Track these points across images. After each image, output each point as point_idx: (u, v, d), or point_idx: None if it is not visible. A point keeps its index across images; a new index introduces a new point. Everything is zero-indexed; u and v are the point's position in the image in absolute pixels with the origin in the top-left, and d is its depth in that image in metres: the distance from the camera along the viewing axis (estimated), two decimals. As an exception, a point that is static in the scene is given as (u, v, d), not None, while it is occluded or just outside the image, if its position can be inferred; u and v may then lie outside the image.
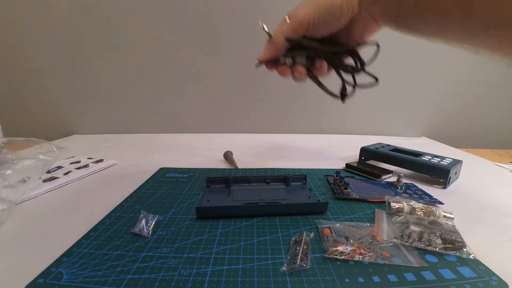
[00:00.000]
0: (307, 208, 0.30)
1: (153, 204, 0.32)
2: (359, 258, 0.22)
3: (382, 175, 0.41)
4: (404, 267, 0.21)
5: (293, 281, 0.20)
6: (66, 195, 0.35)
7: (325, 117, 0.75)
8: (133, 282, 0.20)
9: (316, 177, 0.41)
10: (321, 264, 0.22)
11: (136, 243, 0.24)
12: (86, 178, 0.41)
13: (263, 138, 0.54)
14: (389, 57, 0.65)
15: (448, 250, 0.23)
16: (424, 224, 0.26)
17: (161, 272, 0.21)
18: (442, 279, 0.20)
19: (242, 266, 0.21)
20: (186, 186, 0.37)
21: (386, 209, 0.30)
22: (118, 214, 0.29)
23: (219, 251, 0.23)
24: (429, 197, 0.34)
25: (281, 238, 0.25)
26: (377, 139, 0.54)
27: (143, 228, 0.26)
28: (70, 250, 0.23)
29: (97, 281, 0.20)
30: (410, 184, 0.38)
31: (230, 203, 0.31)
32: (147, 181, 0.39)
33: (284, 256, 0.23)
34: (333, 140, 0.66)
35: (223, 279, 0.20)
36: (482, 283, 0.20)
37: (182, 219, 0.29)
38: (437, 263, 0.22)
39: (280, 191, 0.34)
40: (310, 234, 0.25)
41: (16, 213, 0.30)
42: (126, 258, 0.22)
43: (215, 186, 0.36)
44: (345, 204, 0.32)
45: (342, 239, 0.24)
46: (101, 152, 0.53)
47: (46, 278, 0.20)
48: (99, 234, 0.26)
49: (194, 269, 0.21)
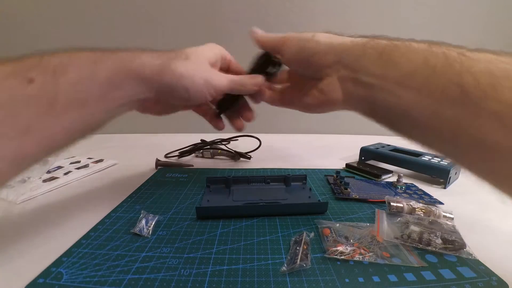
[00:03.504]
0: (307, 208, 0.30)
1: (153, 204, 0.32)
2: (359, 258, 0.22)
3: (382, 175, 0.41)
4: (404, 267, 0.21)
5: (293, 281, 0.20)
6: (66, 195, 0.35)
7: (325, 117, 0.74)
8: (133, 282, 0.20)
9: (316, 177, 0.41)
10: (321, 264, 0.22)
11: (136, 243, 0.24)
12: (86, 178, 0.41)
13: (263, 138, 0.54)
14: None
15: (448, 250, 0.23)
16: (424, 224, 0.26)
17: (161, 272, 0.21)
18: (442, 279, 0.20)
19: (242, 266, 0.21)
20: (186, 186, 0.37)
21: (386, 209, 0.30)
22: (118, 214, 0.29)
23: (219, 251, 0.23)
24: (429, 197, 0.34)
25: (281, 238, 0.25)
26: (377, 139, 0.54)
27: (143, 228, 0.26)
28: (70, 250, 0.23)
29: (97, 281, 0.20)
30: (410, 184, 0.38)
31: (230, 203, 0.31)
32: (147, 181, 0.39)
33: (284, 256, 0.23)
34: (333, 140, 0.66)
35: (223, 279, 0.20)
36: (482, 283, 0.20)
37: (182, 219, 0.29)
38: (437, 263, 0.22)
39: (280, 191, 0.34)
40: (310, 234, 0.25)
41: (16, 213, 0.30)
42: (126, 258, 0.22)
43: (215, 186, 0.36)
44: (345, 204, 0.32)
45: (342, 239, 0.24)
46: (101, 152, 0.53)
47: (46, 278, 0.20)
48: (99, 234, 0.25)
49: (194, 269, 0.21)
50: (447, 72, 0.18)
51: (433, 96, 0.19)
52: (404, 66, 0.21)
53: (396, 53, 0.21)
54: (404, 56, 0.21)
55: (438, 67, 0.19)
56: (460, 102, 0.17)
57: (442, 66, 0.18)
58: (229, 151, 0.51)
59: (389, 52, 0.22)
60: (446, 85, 0.18)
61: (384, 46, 0.22)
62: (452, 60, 0.18)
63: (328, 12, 0.68)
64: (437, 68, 0.19)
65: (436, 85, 0.19)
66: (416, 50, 0.21)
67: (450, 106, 0.18)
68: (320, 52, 0.26)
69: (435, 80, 0.19)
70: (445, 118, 0.18)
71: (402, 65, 0.21)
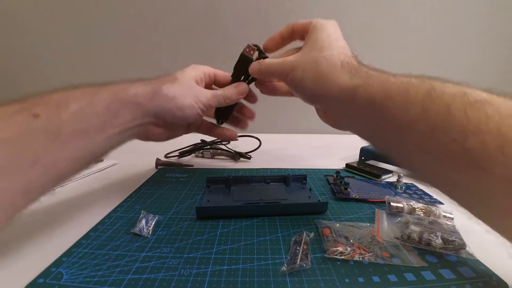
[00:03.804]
0: (307, 208, 0.30)
1: (153, 204, 0.32)
2: (359, 258, 0.22)
3: (382, 175, 0.41)
4: (404, 267, 0.21)
5: (293, 281, 0.20)
6: (66, 195, 0.35)
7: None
8: (133, 282, 0.20)
9: (316, 177, 0.41)
10: (321, 264, 0.22)
11: (136, 243, 0.24)
12: (86, 178, 0.41)
13: (263, 138, 0.54)
14: (389, 57, 0.65)
15: (448, 250, 0.23)
16: (424, 224, 0.26)
17: (161, 272, 0.21)
18: (442, 279, 0.20)
19: (242, 266, 0.21)
20: (186, 186, 0.37)
21: (386, 209, 0.30)
22: (118, 214, 0.29)
23: (219, 251, 0.23)
24: (429, 197, 0.34)
25: (281, 238, 0.25)
26: (377, 139, 0.54)
27: (143, 228, 0.26)
28: (70, 250, 0.23)
29: (97, 281, 0.20)
30: (410, 184, 0.38)
31: (230, 203, 0.31)
32: (147, 181, 0.39)
33: (284, 256, 0.23)
34: (333, 140, 0.66)
35: (223, 279, 0.20)
36: (482, 283, 0.20)
37: (182, 219, 0.29)
38: (437, 263, 0.22)
39: (280, 191, 0.34)
40: (310, 234, 0.25)
41: (16, 213, 0.30)
42: (126, 258, 0.22)
43: (215, 186, 0.36)
44: (345, 204, 0.32)
45: (342, 239, 0.24)
46: (101, 152, 0.53)
47: (46, 278, 0.20)
48: (99, 234, 0.26)
49: (194, 269, 0.21)
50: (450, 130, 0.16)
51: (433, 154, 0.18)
52: (399, 119, 0.19)
53: (388, 103, 0.20)
54: (398, 108, 0.19)
55: (439, 122, 0.17)
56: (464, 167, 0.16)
57: (443, 122, 0.17)
58: (229, 151, 0.51)
59: (380, 102, 0.20)
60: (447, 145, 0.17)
61: (374, 95, 0.21)
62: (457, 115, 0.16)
63: (328, 12, 0.68)
64: (437, 123, 0.17)
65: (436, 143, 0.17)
66: (414, 99, 0.18)
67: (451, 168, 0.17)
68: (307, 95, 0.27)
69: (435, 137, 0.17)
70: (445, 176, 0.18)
71: (396, 118, 0.19)
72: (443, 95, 0.17)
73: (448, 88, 0.18)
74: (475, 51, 0.72)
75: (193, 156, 0.52)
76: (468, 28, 0.70)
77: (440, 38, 0.70)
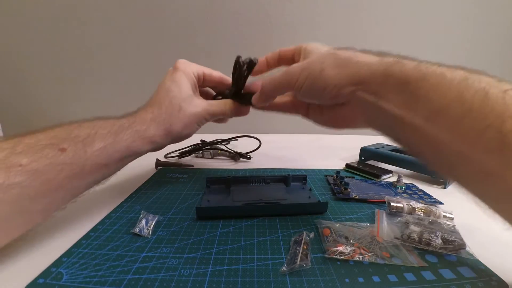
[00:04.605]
0: (307, 208, 0.30)
1: (153, 204, 0.32)
2: (359, 258, 0.22)
3: (382, 175, 0.41)
4: (404, 267, 0.21)
5: (293, 281, 0.20)
6: (66, 195, 0.35)
7: (325, 117, 0.75)
8: (133, 282, 0.20)
9: (316, 177, 0.41)
10: (321, 264, 0.22)
11: (136, 243, 0.24)
12: (86, 178, 0.41)
13: (263, 138, 0.54)
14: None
15: (448, 250, 0.23)
16: (424, 224, 0.26)
17: (161, 272, 0.21)
18: (442, 279, 0.20)
19: (242, 266, 0.21)
20: (186, 186, 0.37)
21: (386, 209, 0.30)
22: (118, 214, 0.29)
23: (219, 251, 0.23)
24: (429, 197, 0.34)
25: (281, 238, 0.25)
26: (377, 139, 0.54)
27: (143, 228, 0.26)
28: (70, 250, 0.23)
29: (97, 281, 0.20)
30: (410, 184, 0.38)
31: (230, 203, 0.31)
32: (147, 181, 0.39)
33: (284, 256, 0.23)
34: (333, 140, 0.66)
35: (223, 279, 0.20)
36: (482, 283, 0.20)
37: (182, 219, 0.29)
38: (437, 263, 0.22)
39: (280, 191, 0.34)
40: (310, 234, 0.25)
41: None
42: (126, 258, 0.22)
43: (215, 186, 0.36)
44: (345, 204, 0.32)
45: (342, 239, 0.24)
46: (101, 152, 0.53)
47: (46, 278, 0.20)
48: (99, 234, 0.26)
49: (194, 269, 0.21)
50: (487, 114, 0.16)
51: (466, 140, 0.17)
52: (434, 102, 0.18)
53: (424, 84, 0.18)
54: (433, 90, 0.18)
55: (476, 106, 0.16)
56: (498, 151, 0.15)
57: (480, 106, 0.16)
58: (229, 151, 0.51)
59: (415, 83, 0.19)
60: (483, 129, 0.16)
61: (409, 75, 0.19)
62: (494, 100, 0.16)
63: (328, 12, 0.68)
64: (474, 106, 0.16)
65: (471, 127, 0.16)
66: (450, 82, 0.18)
67: (485, 153, 0.16)
68: (330, 85, 0.23)
69: (470, 121, 0.16)
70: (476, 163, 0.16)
71: (431, 100, 0.18)
72: (480, 81, 0.17)
73: (482, 76, 0.17)
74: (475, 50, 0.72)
75: (193, 157, 0.52)
76: (469, 28, 0.70)
77: (440, 38, 0.70)
